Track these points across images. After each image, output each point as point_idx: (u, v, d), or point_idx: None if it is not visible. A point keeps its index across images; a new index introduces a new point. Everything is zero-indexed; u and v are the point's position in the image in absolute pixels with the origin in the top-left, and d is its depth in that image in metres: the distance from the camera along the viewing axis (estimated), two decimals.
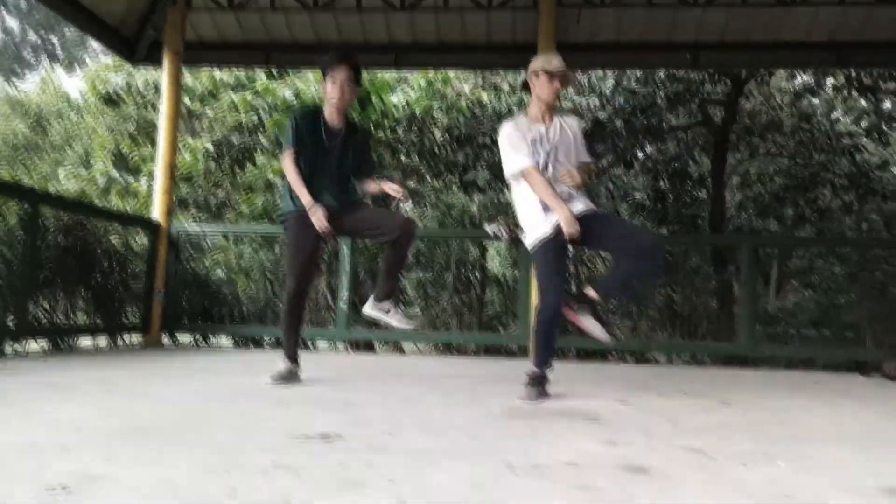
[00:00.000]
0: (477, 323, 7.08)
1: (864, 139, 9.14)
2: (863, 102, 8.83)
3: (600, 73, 8.38)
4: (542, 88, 3.27)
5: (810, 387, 4.29)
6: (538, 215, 3.21)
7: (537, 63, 3.31)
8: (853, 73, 8.27)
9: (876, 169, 9.26)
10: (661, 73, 8.33)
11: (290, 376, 3.44)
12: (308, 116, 3.51)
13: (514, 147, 3.24)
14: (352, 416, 2.53)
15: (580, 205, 3.24)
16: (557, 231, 3.14)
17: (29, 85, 28.15)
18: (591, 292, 3.25)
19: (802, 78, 9.12)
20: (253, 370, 3.90)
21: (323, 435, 2.09)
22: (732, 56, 7.16)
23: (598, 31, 6.88)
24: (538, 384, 3.17)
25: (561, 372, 3.52)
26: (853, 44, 6.72)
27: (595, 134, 7.81)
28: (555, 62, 3.28)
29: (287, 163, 3.43)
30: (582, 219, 3.16)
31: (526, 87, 3.42)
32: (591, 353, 6.22)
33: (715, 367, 5.95)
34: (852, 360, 5.91)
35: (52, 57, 28.21)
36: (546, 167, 3.23)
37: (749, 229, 10.51)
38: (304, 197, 3.34)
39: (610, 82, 8.11)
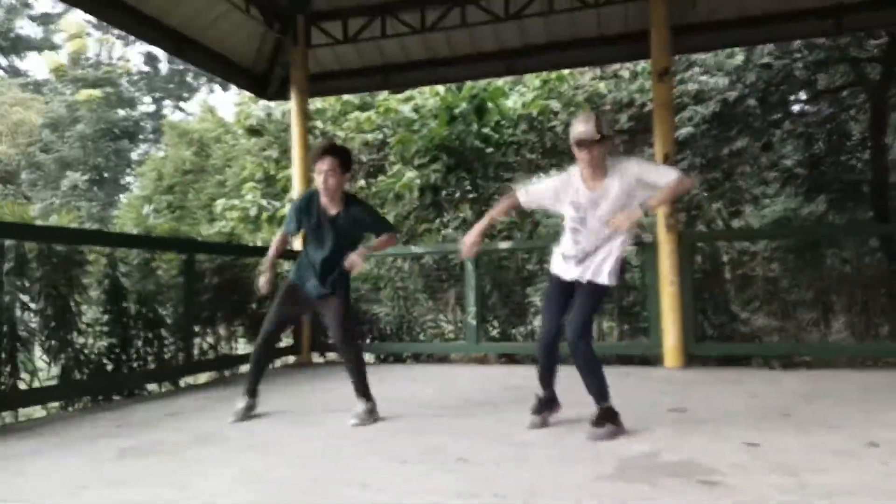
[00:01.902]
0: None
1: None
2: None
3: (728, 49, 7.77)
4: (578, 157, 3.31)
5: None
6: (559, 258, 3.50)
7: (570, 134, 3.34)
8: None
9: None
10: (798, 42, 7.55)
11: (248, 411, 3.87)
12: (304, 200, 3.89)
13: (539, 187, 3.57)
14: (459, 478, 2.64)
15: (578, 270, 3.38)
16: (558, 275, 3.46)
17: (192, 106, 31.21)
18: (594, 408, 3.34)
19: None
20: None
21: None
22: (885, 13, 6.35)
23: (719, 8, 6.41)
24: (537, 410, 3.57)
25: (704, 384, 3.47)
26: None
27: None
28: (576, 130, 3.23)
29: (276, 239, 4.03)
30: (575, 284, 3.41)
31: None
32: (735, 359, 5.89)
33: (880, 370, 5.39)
34: None
35: (211, 79, 30.96)
36: (583, 222, 3.35)
37: None
38: (267, 260, 3.92)
39: (739, 58, 7.50)
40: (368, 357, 7.48)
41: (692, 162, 8.22)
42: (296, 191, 6.99)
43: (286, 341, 6.94)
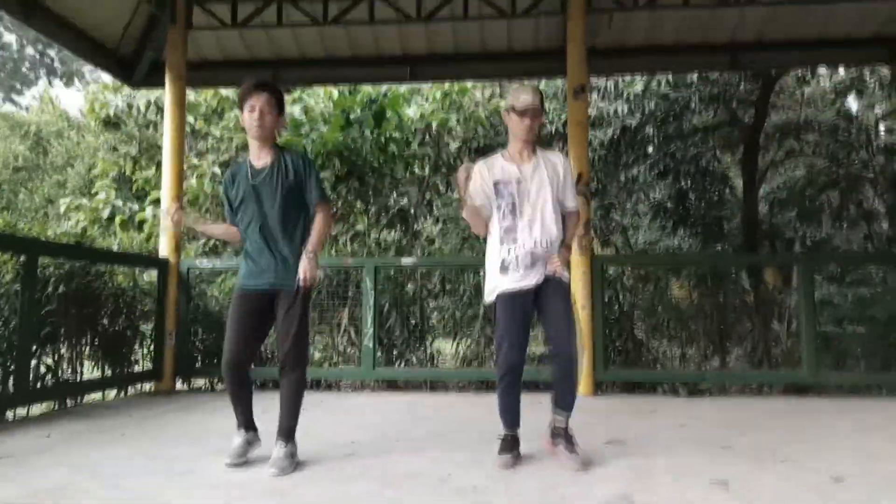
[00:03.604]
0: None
1: None
2: None
3: (628, 77, 7.89)
4: (513, 126, 3.18)
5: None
6: (496, 272, 3.12)
7: (508, 101, 3.23)
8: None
9: None
10: (694, 76, 7.83)
11: (246, 448, 3.10)
12: (231, 172, 3.23)
13: (474, 186, 3.15)
14: None
15: (537, 276, 3.07)
16: (519, 290, 3.06)
17: (27, 100, 27.89)
18: (558, 418, 3.11)
19: (841, 75, 8.61)
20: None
21: None
22: (773, 55, 6.69)
23: (629, 35, 6.42)
24: (502, 444, 3.12)
25: (623, 414, 3.21)
26: None
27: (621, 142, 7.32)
28: (523, 98, 3.13)
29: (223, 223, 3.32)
30: (538, 288, 3.08)
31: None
32: (640, 385, 5.77)
33: (775, 398, 5.48)
34: None
35: (51, 71, 27.88)
36: (513, 209, 3.09)
37: (782, 231, 10.05)
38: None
39: (639, 87, 7.62)
40: None
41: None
42: (164, 193, 6.04)
43: (145, 365, 5.94)
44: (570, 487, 2.69)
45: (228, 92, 8.73)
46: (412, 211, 8.79)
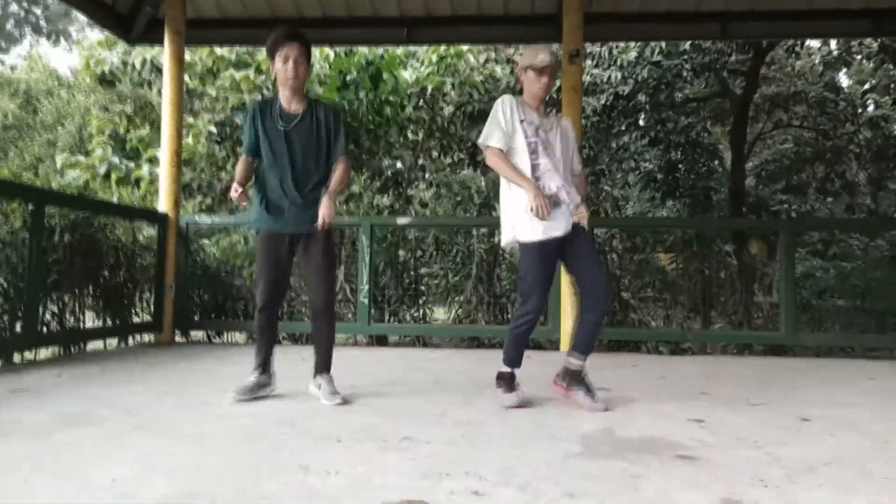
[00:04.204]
0: (496, 311, 6.80)
1: (893, 110, 8.80)
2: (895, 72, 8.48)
3: (621, 44, 7.98)
4: (530, 85, 3.26)
5: (869, 385, 4.08)
6: (521, 213, 3.13)
7: (524, 60, 3.28)
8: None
9: None
10: (687, 45, 7.93)
11: (256, 389, 3.25)
12: (259, 104, 3.26)
13: (498, 123, 3.18)
14: (416, 457, 2.28)
15: (562, 226, 3.13)
16: (549, 239, 3.12)
17: (13, 59, 27.41)
18: (574, 362, 3.22)
19: (831, 47, 8.73)
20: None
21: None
22: (763, 25, 6.78)
23: (624, 2, 6.49)
24: (507, 383, 3.23)
25: (605, 368, 3.57)
26: (892, 10, 6.38)
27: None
28: (541, 56, 3.22)
29: (239, 164, 3.25)
30: (572, 233, 3.17)
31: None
32: (624, 343, 6.00)
33: (754, 357, 5.73)
34: (892, 346, 5.72)
35: (37, 30, 27.34)
36: (536, 151, 3.16)
37: (768, 203, 10.25)
38: (235, 185, 3.09)
39: (632, 54, 7.72)
40: (240, 335, 6.80)
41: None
42: (164, 150, 6.13)
43: (144, 318, 6.09)
44: (558, 422, 2.90)
45: (223, 51, 8.72)
46: (406, 175, 8.90)
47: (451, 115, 8.73)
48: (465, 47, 8.15)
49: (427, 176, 9.80)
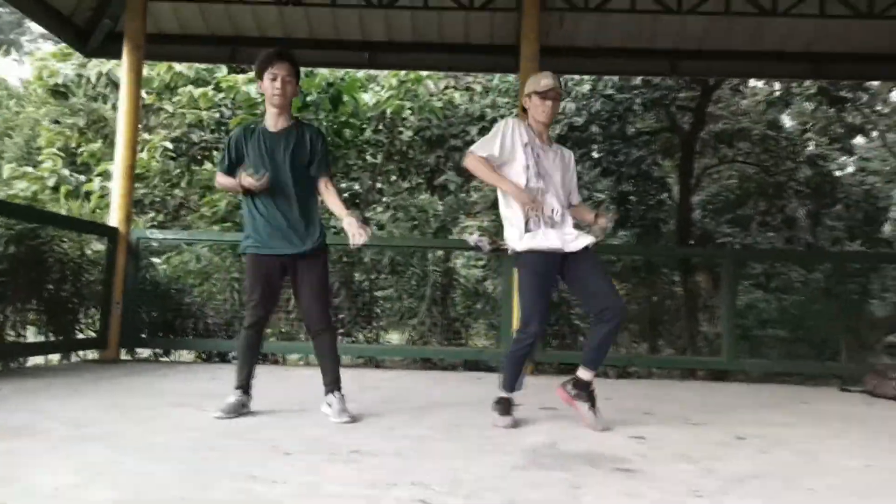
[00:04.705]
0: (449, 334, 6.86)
1: (830, 149, 9.31)
2: (832, 113, 8.98)
3: (576, 77, 8.26)
4: (535, 110, 3.26)
5: (803, 409, 4.26)
6: (518, 233, 3.17)
7: (528, 86, 3.30)
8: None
9: (841, 178, 9.46)
10: (638, 80, 8.26)
11: (239, 408, 3.21)
12: (241, 130, 3.32)
13: (495, 139, 3.18)
14: (363, 468, 2.31)
15: (558, 241, 3.15)
16: (547, 253, 3.13)
17: None
18: (585, 375, 3.26)
19: (774, 87, 9.21)
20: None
21: None
22: (710, 64, 7.15)
23: (579, 36, 6.76)
24: (504, 407, 3.23)
25: (554, 388, 3.46)
26: (830, 55, 6.80)
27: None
28: (544, 81, 3.25)
29: (217, 178, 3.35)
30: (573, 255, 3.17)
31: (524, 111, 3.36)
32: (574, 365, 6.10)
33: (697, 381, 5.92)
34: (827, 372, 5.98)
35: None
36: (535, 175, 3.17)
37: (713, 235, 10.65)
38: (233, 183, 3.19)
39: (586, 87, 8.00)
40: (188, 354, 6.67)
41: None
42: (117, 163, 6.04)
43: (89, 334, 5.93)
44: (505, 437, 2.96)
45: (182, 67, 8.68)
46: (364, 197, 8.95)
47: (409, 139, 8.85)
48: (424, 73, 8.31)
49: (384, 199, 9.87)
